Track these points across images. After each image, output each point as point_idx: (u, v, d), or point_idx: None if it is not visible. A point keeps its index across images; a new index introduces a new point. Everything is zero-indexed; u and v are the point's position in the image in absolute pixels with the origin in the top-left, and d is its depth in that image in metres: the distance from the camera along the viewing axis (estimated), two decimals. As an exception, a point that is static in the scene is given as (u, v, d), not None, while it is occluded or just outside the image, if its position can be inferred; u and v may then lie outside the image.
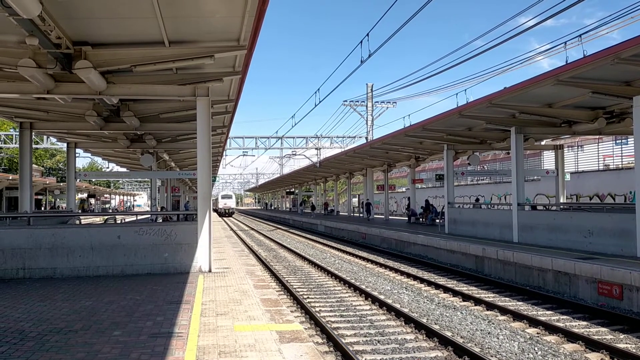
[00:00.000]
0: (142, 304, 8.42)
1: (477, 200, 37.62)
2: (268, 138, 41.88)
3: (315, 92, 49.58)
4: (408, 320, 10.20)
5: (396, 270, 17.08)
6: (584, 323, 10.06)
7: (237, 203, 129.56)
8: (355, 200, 56.41)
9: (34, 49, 9.92)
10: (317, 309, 11.45)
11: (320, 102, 29.16)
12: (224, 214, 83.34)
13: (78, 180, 22.75)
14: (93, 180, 66.45)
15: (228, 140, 32.63)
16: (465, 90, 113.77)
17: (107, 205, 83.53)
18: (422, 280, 15.01)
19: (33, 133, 17.60)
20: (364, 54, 18.96)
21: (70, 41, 10.11)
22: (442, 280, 14.96)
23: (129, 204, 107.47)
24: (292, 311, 11.07)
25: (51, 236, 11.63)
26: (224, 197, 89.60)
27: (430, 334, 9.16)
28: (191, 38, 10.58)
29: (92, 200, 70.35)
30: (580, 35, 13.64)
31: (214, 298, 9.00)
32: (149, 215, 28.88)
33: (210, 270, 12.24)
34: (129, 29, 10.01)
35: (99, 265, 11.74)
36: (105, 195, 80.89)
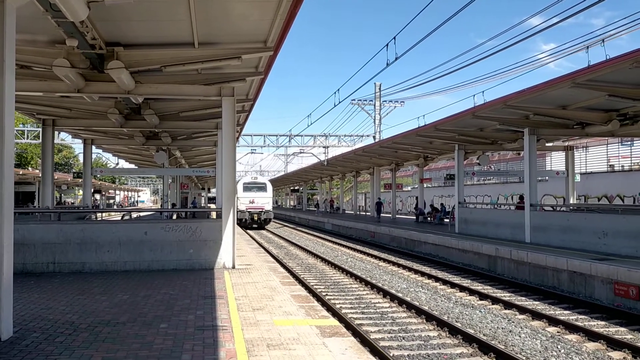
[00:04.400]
0: (178, 298, 8.68)
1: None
2: (276, 136, 42.10)
3: (335, 92, 50.25)
4: (429, 317, 10.45)
5: (409, 269, 17.32)
6: (602, 323, 10.30)
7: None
8: (360, 198, 56.37)
9: (68, 49, 10.16)
10: (338, 306, 11.70)
11: (340, 102, 29.46)
12: (250, 223, 39.23)
13: (93, 176, 23.03)
14: (98, 176, 66.43)
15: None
16: (483, 92, 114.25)
17: (112, 201, 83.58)
18: (436, 279, 15.25)
19: (55, 130, 17.86)
20: (390, 57, 19.20)
21: (104, 42, 10.38)
22: (456, 279, 15.19)
23: (132, 200, 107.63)
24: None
25: (80, 231, 11.90)
26: (248, 185, 40.78)
27: (453, 331, 9.40)
28: (219, 39, 10.83)
29: (97, 196, 70.55)
30: (603, 40, 13.89)
31: (245, 294, 9.26)
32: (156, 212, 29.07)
33: (234, 267, 12.49)
34: (162, 31, 10.25)
35: (127, 260, 12.01)
36: (109, 191, 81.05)
